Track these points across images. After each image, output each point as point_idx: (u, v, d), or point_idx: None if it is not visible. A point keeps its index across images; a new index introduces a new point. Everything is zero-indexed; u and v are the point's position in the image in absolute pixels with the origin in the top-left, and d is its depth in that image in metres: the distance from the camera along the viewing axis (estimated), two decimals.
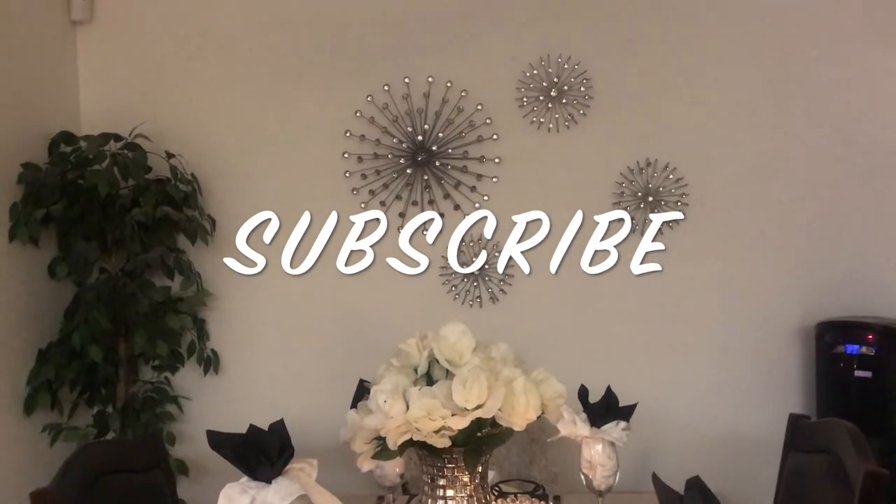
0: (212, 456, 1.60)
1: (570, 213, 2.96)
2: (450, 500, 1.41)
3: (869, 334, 2.62)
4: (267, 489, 1.55)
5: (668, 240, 2.95)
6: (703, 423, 2.94)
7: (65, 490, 1.67)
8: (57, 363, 2.74)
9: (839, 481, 1.71)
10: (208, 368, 3.00)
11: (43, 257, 2.82)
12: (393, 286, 3.00)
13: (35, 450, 2.73)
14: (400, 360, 1.49)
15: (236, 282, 3.03)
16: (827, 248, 2.94)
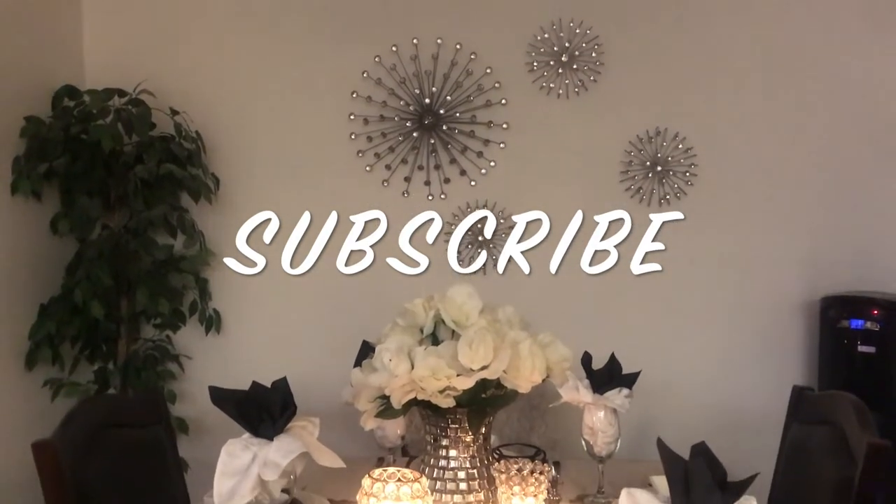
0: (212, 415, 1.59)
1: (575, 191, 2.94)
2: (452, 461, 1.40)
3: (874, 309, 2.61)
4: (269, 446, 1.55)
5: (673, 209, 2.93)
6: (705, 394, 2.94)
7: (66, 442, 1.66)
8: (58, 318, 2.73)
9: (841, 453, 1.70)
10: (210, 328, 2.99)
11: (45, 212, 2.80)
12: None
13: (36, 404, 2.73)
14: (405, 319, 1.48)
15: (239, 241, 3.02)
16: (834, 222, 2.93)
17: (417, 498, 1.10)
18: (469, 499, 1.38)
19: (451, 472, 1.39)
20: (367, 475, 1.13)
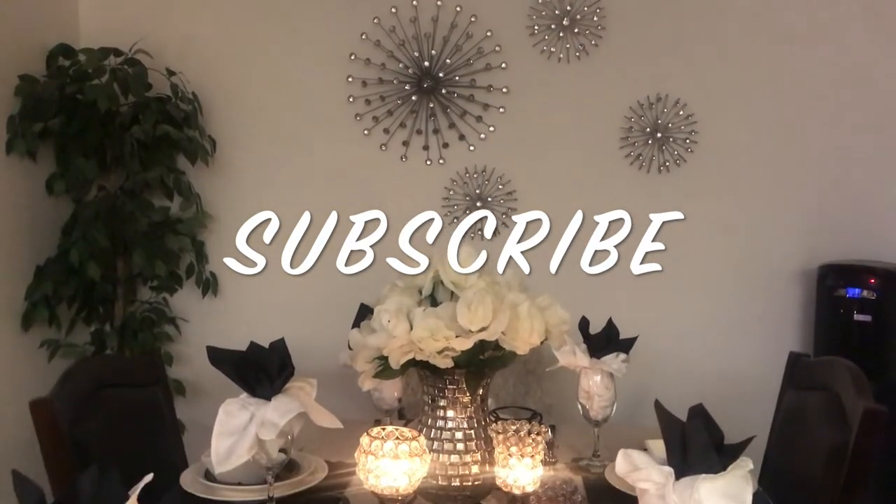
0: (209, 377, 1.59)
1: (574, 157, 2.92)
2: (450, 421, 1.40)
3: (871, 278, 2.61)
4: (266, 406, 1.54)
5: (673, 178, 2.92)
6: (700, 361, 2.95)
7: (64, 401, 1.67)
8: (55, 279, 2.72)
9: (836, 419, 1.71)
10: (207, 290, 2.99)
11: (40, 172, 2.78)
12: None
13: (33, 365, 2.73)
14: (405, 281, 1.48)
15: (236, 204, 3.00)
16: (833, 191, 2.92)
17: (416, 456, 1.10)
18: (466, 459, 1.38)
19: (448, 433, 1.39)
20: (366, 433, 1.13)
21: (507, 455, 1.28)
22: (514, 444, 1.29)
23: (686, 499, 1.16)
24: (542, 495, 1.51)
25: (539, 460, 1.29)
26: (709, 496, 1.16)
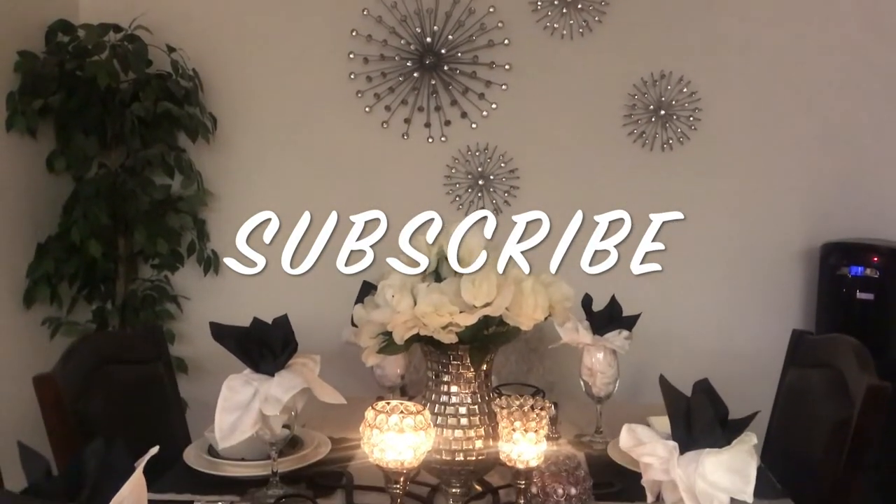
0: (211, 355, 1.59)
1: (576, 135, 2.90)
2: (453, 396, 1.40)
3: (874, 256, 2.60)
4: (270, 382, 1.54)
5: (676, 156, 2.91)
6: (702, 339, 2.95)
7: (66, 377, 1.67)
8: (56, 257, 2.72)
9: (839, 395, 1.71)
10: (208, 269, 2.98)
11: (41, 150, 2.77)
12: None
13: (35, 342, 2.73)
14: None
15: (237, 182, 2.99)
16: (836, 169, 2.90)
17: (420, 430, 1.10)
18: (470, 434, 1.38)
19: (452, 408, 1.39)
20: (371, 407, 1.13)
21: (511, 430, 1.28)
22: (518, 418, 1.29)
23: (690, 473, 1.17)
24: (546, 470, 1.51)
25: (543, 435, 1.29)
26: (713, 470, 1.16)
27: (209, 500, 1.53)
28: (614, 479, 1.62)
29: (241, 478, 1.62)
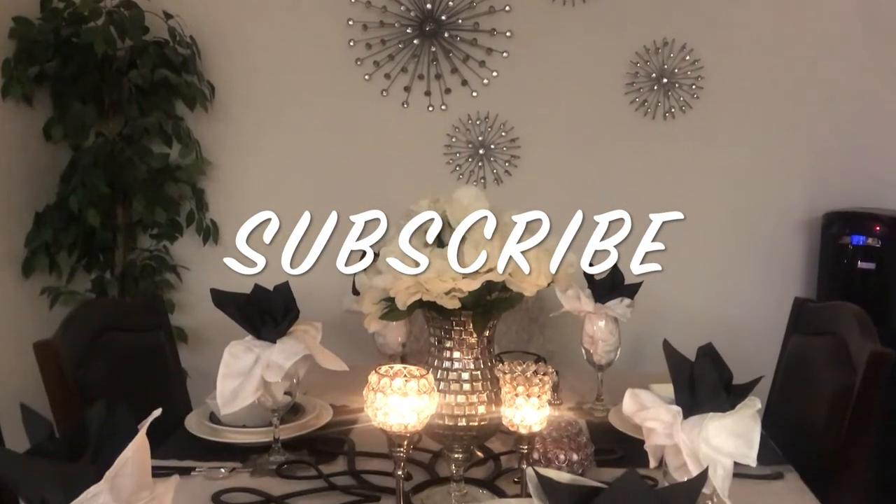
0: (211, 325, 1.58)
1: (578, 104, 2.87)
2: (456, 362, 1.39)
3: (876, 225, 2.59)
4: (272, 348, 1.54)
5: (679, 125, 2.89)
6: (703, 307, 2.95)
7: (67, 344, 1.66)
8: (55, 226, 2.71)
9: (841, 362, 1.71)
10: (207, 238, 2.97)
11: (37, 118, 2.74)
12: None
13: (34, 311, 2.73)
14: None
15: (235, 151, 2.97)
16: (839, 138, 2.89)
17: (424, 393, 1.09)
18: (472, 399, 1.37)
19: (454, 374, 1.38)
20: (374, 371, 1.12)
21: (513, 395, 1.28)
22: (520, 383, 1.28)
23: (694, 437, 1.16)
24: (548, 436, 1.51)
25: (546, 400, 1.29)
26: (717, 434, 1.16)
27: (211, 467, 1.54)
28: (616, 445, 1.63)
29: (242, 444, 1.62)
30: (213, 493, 1.43)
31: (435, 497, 1.42)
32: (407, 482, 1.46)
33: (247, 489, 1.45)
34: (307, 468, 1.54)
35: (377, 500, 1.43)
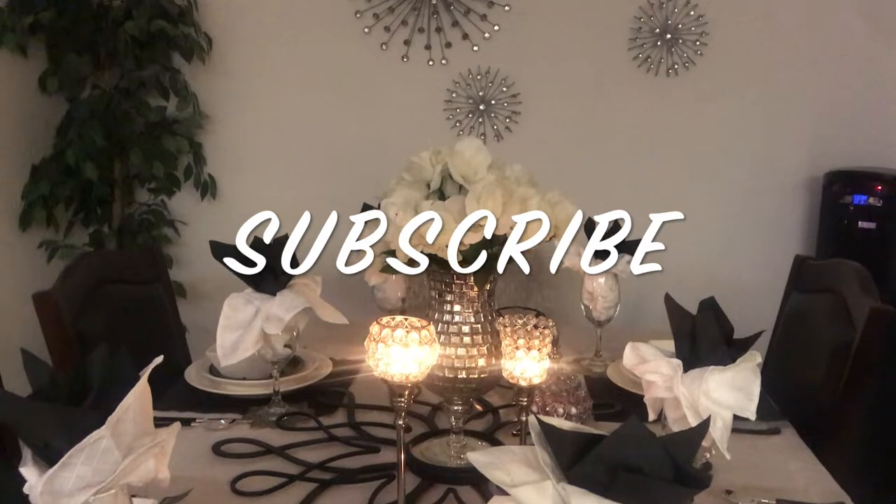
0: (209, 280, 1.57)
1: (580, 62, 2.83)
2: (457, 315, 1.39)
3: (878, 185, 2.58)
4: (271, 301, 1.54)
5: (681, 82, 2.86)
6: (703, 265, 2.94)
7: (66, 295, 1.65)
8: (51, 179, 2.69)
9: (840, 319, 1.71)
10: (205, 193, 2.95)
11: (32, 69, 2.71)
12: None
13: (32, 265, 2.72)
14: (412, 174, 1.44)
15: (233, 104, 2.94)
16: (842, 96, 2.86)
17: (425, 344, 1.09)
18: (473, 352, 1.37)
19: (455, 327, 1.38)
20: (376, 322, 1.12)
21: (514, 348, 1.27)
22: (521, 336, 1.28)
23: (694, 390, 1.17)
24: (546, 390, 1.51)
25: (546, 353, 1.29)
26: (717, 388, 1.16)
27: (211, 418, 1.54)
28: (614, 400, 1.63)
29: (242, 396, 1.62)
30: (214, 444, 1.44)
31: (434, 448, 1.43)
32: (406, 434, 1.47)
33: (247, 440, 1.46)
34: (307, 420, 1.55)
35: (377, 451, 1.44)
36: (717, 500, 1.27)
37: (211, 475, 1.33)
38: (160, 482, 0.86)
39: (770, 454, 1.44)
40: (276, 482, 1.31)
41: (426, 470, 1.35)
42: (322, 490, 1.29)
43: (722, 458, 1.15)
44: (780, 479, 1.34)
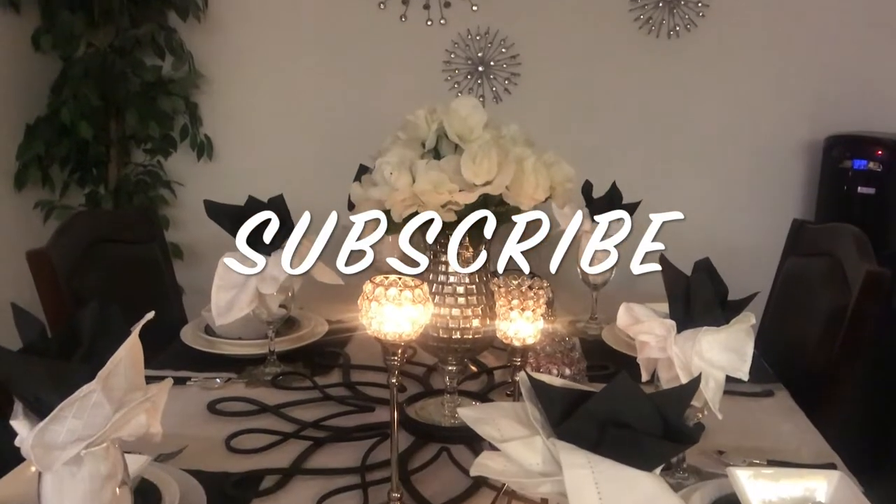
0: (206, 241, 1.56)
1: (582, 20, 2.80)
2: (451, 276, 1.39)
3: (878, 150, 2.56)
4: (266, 261, 1.53)
5: (682, 44, 2.83)
6: (701, 229, 2.91)
7: (61, 253, 1.65)
8: (46, 139, 2.67)
9: (837, 283, 1.71)
10: (202, 154, 2.93)
11: (25, 26, 2.67)
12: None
13: (28, 225, 2.71)
14: (407, 132, 1.42)
15: (229, 63, 2.91)
16: (844, 59, 2.82)
17: (419, 303, 1.09)
18: (467, 313, 1.38)
19: (449, 287, 1.38)
20: (369, 281, 1.11)
21: (508, 308, 1.27)
22: (515, 297, 1.28)
23: (687, 350, 1.16)
24: (541, 351, 1.52)
25: (540, 314, 1.29)
26: (710, 348, 1.16)
27: (206, 377, 1.55)
28: (608, 362, 1.64)
29: (238, 356, 1.63)
30: (209, 402, 1.44)
31: (429, 408, 1.44)
32: (401, 394, 1.48)
33: (242, 398, 1.47)
34: (302, 379, 1.55)
35: (371, 410, 1.44)
36: (709, 460, 1.27)
37: (206, 433, 1.34)
38: (152, 437, 0.86)
39: (763, 416, 1.45)
40: (270, 440, 1.31)
41: (420, 429, 1.36)
42: (316, 448, 1.30)
43: (714, 419, 1.15)
44: (773, 441, 1.35)
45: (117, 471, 0.84)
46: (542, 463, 0.75)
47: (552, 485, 0.74)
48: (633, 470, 0.72)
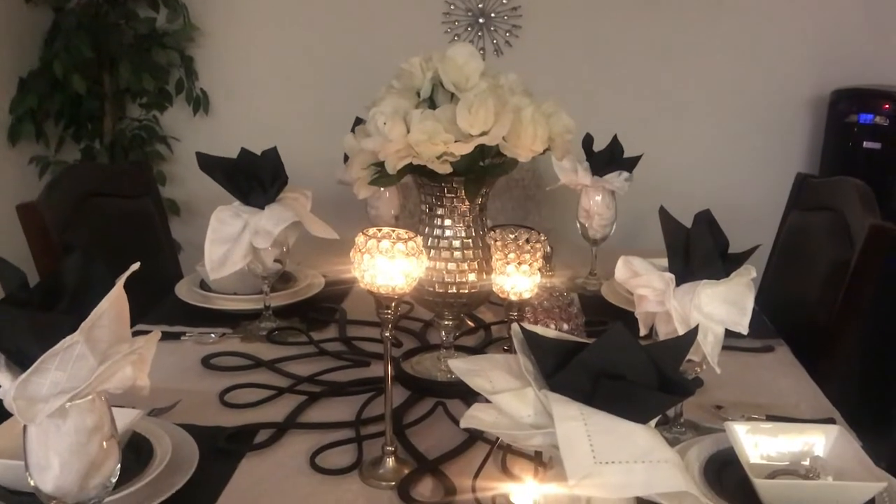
0: (203, 197, 1.54)
1: None
2: (447, 230, 1.36)
3: (885, 103, 2.52)
4: (260, 214, 1.51)
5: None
6: (703, 184, 2.90)
7: (52, 207, 1.63)
8: (39, 92, 2.63)
9: (840, 237, 1.68)
10: (197, 108, 2.89)
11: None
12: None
13: (23, 180, 2.68)
14: (401, 81, 1.39)
15: (224, 15, 2.85)
16: (849, 12, 2.76)
17: (412, 256, 1.06)
18: (463, 267, 1.35)
19: (445, 241, 1.36)
20: (361, 233, 1.09)
21: (504, 262, 1.25)
22: (512, 251, 1.26)
23: (686, 304, 1.14)
24: (538, 306, 1.49)
25: (537, 268, 1.27)
26: (709, 301, 1.14)
27: (201, 332, 1.53)
28: (607, 317, 1.62)
29: (232, 311, 1.62)
30: (203, 357, 1.43)
31: (425, 363, 1.43)
32: (397, 349, 1.47)
33: (237, 353, 1.46)
34: (298, 335, 1.54)
35: (367, 364, 1.43)
36: (707, 415, 1.27)
37: (200, 387, 1.33)
38: (139, 390, 0.84)
39: (762, 371, 1.44)
40: (265, 394, 1.31)
41: (415, 383, 1.35)
42: (311, 402, 1.29)
43: (713, 374, 1.14)
44: (772, 396, 1.34)
45: (104, 423, 0.83)
46: (534, 415, 0.73)
47: (544, 437, 0.72)
48: (626, 422, 0.71)
